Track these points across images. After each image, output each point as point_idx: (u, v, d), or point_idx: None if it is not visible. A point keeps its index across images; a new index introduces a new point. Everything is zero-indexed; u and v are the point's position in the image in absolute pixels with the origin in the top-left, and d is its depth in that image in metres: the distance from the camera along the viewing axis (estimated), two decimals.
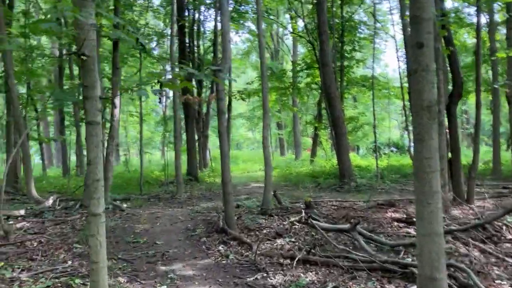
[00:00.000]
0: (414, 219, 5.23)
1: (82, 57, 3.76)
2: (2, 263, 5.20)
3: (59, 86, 18.14)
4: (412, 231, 6.72)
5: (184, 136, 17.29)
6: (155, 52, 21.57)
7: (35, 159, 29.95)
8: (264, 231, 6.94)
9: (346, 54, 19.07)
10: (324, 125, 21.11)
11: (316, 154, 22.73)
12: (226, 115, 6.63)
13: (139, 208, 9.77)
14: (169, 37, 20.44)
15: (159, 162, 25.44)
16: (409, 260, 5.20)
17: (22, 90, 18.02)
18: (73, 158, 22.17)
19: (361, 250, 5.71)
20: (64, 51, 17.35)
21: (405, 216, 7.63)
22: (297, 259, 5.35)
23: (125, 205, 9.66)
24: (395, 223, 7.41)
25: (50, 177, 20.28)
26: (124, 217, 8.51)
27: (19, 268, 5.11)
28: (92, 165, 3.81)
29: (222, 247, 6.21)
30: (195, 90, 19.15)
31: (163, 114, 23.14)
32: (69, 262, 5.45)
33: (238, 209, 8.67)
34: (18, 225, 7.35)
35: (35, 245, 6.17)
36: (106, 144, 9.84)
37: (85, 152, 11.23)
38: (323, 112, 20.79)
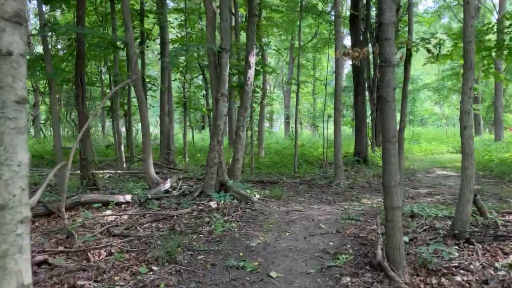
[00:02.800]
0: None
1: None
2: None
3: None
4: None
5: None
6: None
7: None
8: (457, 277, 3.86)
9: None
10: None
11: None
12: (393, 70, 3.65)
13: (276, 200, 7.43)
14: None
15: (329, 138, 22.86)
16: None
17: None
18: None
19: None
20: None
21: None
22: None
23: (257, 196, 7.36)
24: None
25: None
26: (248, 216, 6.24)
27: None
28: None
29: None
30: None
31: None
32: None
33: (411, 223, 5.63)
34: (110, 218, 5.74)
35: (99, 258, 4.32)
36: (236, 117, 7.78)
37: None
38: None
